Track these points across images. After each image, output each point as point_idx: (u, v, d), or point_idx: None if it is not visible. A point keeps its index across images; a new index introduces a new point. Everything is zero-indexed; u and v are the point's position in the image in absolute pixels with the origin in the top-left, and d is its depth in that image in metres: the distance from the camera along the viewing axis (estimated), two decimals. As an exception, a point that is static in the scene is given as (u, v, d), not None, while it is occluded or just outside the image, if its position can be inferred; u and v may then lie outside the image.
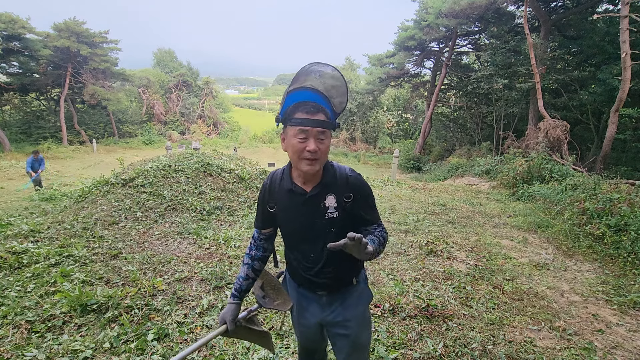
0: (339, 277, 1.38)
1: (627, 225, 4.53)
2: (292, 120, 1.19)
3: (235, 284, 1.46)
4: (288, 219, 1.36)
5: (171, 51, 37.03)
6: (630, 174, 10.43)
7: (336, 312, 1.41)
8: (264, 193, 1.40)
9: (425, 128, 20.23)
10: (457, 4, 14.41)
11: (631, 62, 9.03)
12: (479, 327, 2.68)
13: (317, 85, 1.22)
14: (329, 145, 1.23)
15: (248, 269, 1.47)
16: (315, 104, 1.19)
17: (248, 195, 5.90)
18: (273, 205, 1.37)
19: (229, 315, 1.39)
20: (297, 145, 1.19)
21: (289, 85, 1.25)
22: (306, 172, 1.23)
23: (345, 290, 1.41)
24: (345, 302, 1.41)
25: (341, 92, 1.27)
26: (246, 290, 1.47)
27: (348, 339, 1.41)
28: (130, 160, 8.65)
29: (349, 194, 1.29)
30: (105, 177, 5.82)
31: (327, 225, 1.29)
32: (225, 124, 34.78)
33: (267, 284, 1.55)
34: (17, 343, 2.18)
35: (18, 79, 21.03)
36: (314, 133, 1.18)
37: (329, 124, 1.21)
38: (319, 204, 1.28)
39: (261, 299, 1.51)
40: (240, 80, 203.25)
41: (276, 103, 76.68)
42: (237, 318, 1.41)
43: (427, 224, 5.34)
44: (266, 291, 1.53)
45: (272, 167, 15.08)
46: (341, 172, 1.32)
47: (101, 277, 3.10)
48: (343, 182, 1.30)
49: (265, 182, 1.42)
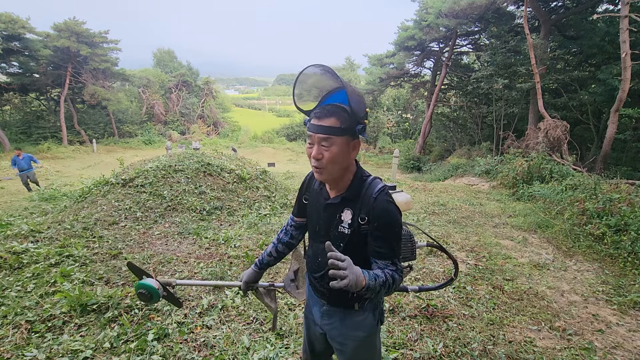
0: (337, 295, 1.28)
1: (627, 225, 4.53)
2: (306, 124, 1.18)
3: (260, 255, 1.54)
4: (312, 215, 1.38)
5: (171, 51, 37.02)
6: (630, 174, 10.42)
7: (333, 326, 1.34)
8: (304, 183, 1.43)
9: (425, 128, 20.21)
10: (457, 4, 14.39)
11: (631, 62, 9.02)
12: (479, 327, 2.68)
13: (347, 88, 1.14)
14: (337, 154, 1.11)
15: (272, 247, 1.53)
16: (332, 107, 1.12)
17: (248, 195, 5.90)
18: (307, 197, 1.40)
19: (245, 276, 1.51)
20: (307, 150, 1.17)
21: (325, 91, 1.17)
22: (317, 179, 1.23)
23: (347, 310, 1.32)
24: (345, 322, 1.32)
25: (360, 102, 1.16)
26: (267, 264, 1.53)
27: (343, 355, 1.37)
28: (130, 160, 8.64)
29: (365, 215, 1.16)
30: (105, 177, 5.82)
31: (338, 238, 1.22)
32: (225, 124, 34.76)
33: (302, 271, 1.62)
34: (17, 343, 2.18)
35: (18, 79, 21.00)
36: (318, 139, 1.12)
37: (338, 130, 1.10)
38: (336, 214, 1.23)
39: (288, 282, 1.61)
40: (240, 80, 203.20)
41: (276, 103, 76.60)
42: (251, 282, 1.52)
43: (427, 224, 5.34)
44: (297, 278, 1.62)
45: (272, 167, 15.07)
46: (370, 190, 1.18)
47: (101, 277, 3.11)
48: (366, 201, 1.17)
49: (309, 173, 1.42)
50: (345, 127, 1.11)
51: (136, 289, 1.49)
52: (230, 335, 2.41)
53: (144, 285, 1.47)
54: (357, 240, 1.20)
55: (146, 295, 1.47)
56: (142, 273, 1.56)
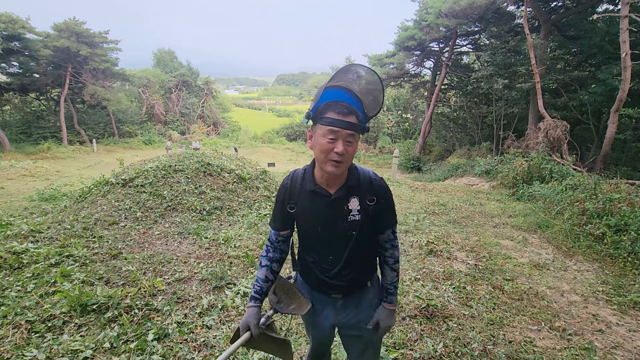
0: (355, 280, 1.39)
1: (627, 225, 4.52)
2: (323, 119, 1.16)
3: (255, 287, 1.40)
4: (309, 220, 1.33)
5: (171, 51, 37.06)
6: (630, 174, 10.42)
7: (351, 314, 1.42)
8: (284, 193, 1.35)
9: (425, 128, 20.21)
10: (457, 4, 14.40)
11: (631, 62, 9.02)
12: (479, 327, 2.68)
13: (352, 86, 1.20)
14: (356, 149, 1.22)
15: (267, 271, 1.42)
16: (348, 105, 1.17)
17: (248, 195, 5.90)
18: (293, 206, 1.33)
19: (252, 319, 1.32)
20: (325, 145, 1.16)
21: (326, 81, 1.20)
22: (330, 174, 1.21)
23: (360, 292, 1.42)
24: (360, 304, 1.42)
25: (376, 97, 1.23)
26: (266, 292, 1.42)
27: (361, 339, 1.44)
28: (130, 160, 8.64)
29: (372, 197, 1.29)
30: (105, 177, 5.81)
31: (349, 227, 1.29)
32: (225, 124, 34.79)
33: (279, 288, 1.51)
34: (17, 343, 2.18)
35: (18, 79, 21.02)
36: (344, 135, 1.15)
37: (360, 127, 1.19)
38: (343, 206, 1.27)
39: (276, 305, 1.46)
40: (240, 80, 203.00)
41: (276, 103, 76.67)
42: (260, 323, 1.35)
43: (427, 224, 5.34)
44: (279, 296, 1.49)
45: (272, 167, 15.07)
46: (365, 175, 1.32)
47: (101, 277, 3.10)
48: (367, 185, 1.30)
49: (285, 182, 1.37)
50: (362, 125, 1.21)
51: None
52: (230, 335, 2.41)
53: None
54: (367, 224, 1.31)
55: None
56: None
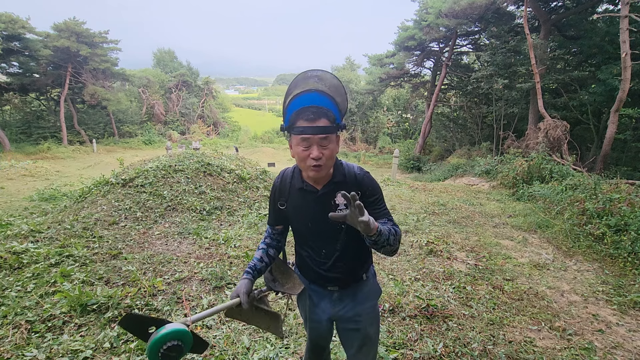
0: (350, 272, 1.43)
1: (627, 225, 4.52)
2: (294, 128, 1.21)
3: (250, 263, 1.46)
4: (299, 216, 1.39)
5: (171, 51, 37.01)
6: (630, 174, 10.42)
7: (347, 307, 1.45)
8: (275, 192, 1.45)
9: (425, 128, 20.21)
10: (457, 4, 14.40)
11: (631, 62, 9.02)
12: (479, 327, 2.68)
13: (319, 87, 1.23)
14: (334, 149, 1.24)
15: (262, 253, 1.47)
16: (317, 108, 1.19)
17: (248, 195, 5.90)
18: (283, 203, 1.41)
19: (242, 288, 1.35)
20: (301, 153, 1.22)
21: (286, 94, 1.25)
22: (313, 178, 1.28)
23: (356, 285, 1.46)
24: (356, 297, 1.46)
25: (341, 93, 1.29)
26: (259, 270, 1.45)
27: (358, 333, 1.46)
28: (130, 160, 8.64)
29: (357, 191, 1.32)
30: (105, 177, 5.81)
31: (337, 222, 1.31)
32: (225, 124, 34.77)
33: (276, 268, 1.58)
34: (17, 343, 2.18)
35: (18, 79, 21.01)
36: (316, 140, 1.19)
37: (332, 128, 1.21)
38: (330, 201, 1.32)
39: (270, 282, 1.53)
40: (240, 80, 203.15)
41: (276, 103, 76.64)
42: (250, 293, 1.39)
43: (427, 224, 5.34)
44: (275, 275, 1.56)
45: (272, 167, 15.07)
46: (350, 170, 1.36)
47: (101, 277, 3.10)
48: (352, 180, 1.34)
49: (275, 181, 1.46)
50: (336, 124, 1.23)
51: (158, 347, 1.04)
52: (230, 335, 2.41)
53: (171, 333, 1.06)
54: None
55: (178, 347, 1.07)
56: (147, 324, 1.13)
